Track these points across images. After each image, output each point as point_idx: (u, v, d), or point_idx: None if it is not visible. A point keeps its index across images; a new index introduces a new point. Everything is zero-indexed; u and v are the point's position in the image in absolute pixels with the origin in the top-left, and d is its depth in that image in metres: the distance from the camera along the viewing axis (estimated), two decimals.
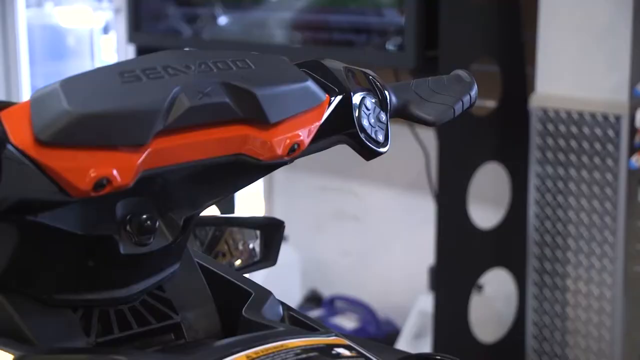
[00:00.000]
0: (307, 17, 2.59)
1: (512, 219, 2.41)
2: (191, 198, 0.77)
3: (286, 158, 0.75)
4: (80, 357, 0.69)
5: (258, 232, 1.18)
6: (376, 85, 0.83)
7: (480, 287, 2.44)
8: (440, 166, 2.29)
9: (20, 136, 0.64)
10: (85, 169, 0.65)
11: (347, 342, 0.74)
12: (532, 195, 2.30)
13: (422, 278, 2.67)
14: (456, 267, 2.37)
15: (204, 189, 0.78)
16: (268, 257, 1.10)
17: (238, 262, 1.16)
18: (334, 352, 0.70)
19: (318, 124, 0.77)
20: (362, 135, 0.80)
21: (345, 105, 0.80)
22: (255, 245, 1.21)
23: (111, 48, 3.68)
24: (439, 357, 0.82)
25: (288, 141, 0.74)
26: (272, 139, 0.73)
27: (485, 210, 2.42)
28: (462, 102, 0.88)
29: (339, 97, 0.80)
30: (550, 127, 2.24)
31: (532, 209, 2.30)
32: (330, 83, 0.79)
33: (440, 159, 2.28)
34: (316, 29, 2.56)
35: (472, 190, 2.32)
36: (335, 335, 0.75)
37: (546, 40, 2.22)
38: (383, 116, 0.83)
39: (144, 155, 0.68)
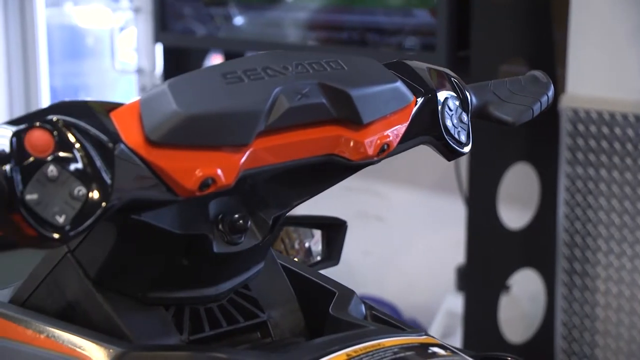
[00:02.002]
0: (329, 17, 2.59)
1: (541, 219, 2.41)
2: (280, 198, 0.78)
3: (375, 158, 0.76)
4: (181, 355, 0.69)
5: (314, 231, 1.19)
6: (457, 85, 0.84)
7: (507, 288, 2.44)
8: (471, 167, 2.30)
9: (131, 136, 0.65)
10: (192, 168, 0.66)
11: (439, 341, 0.74)
12: (562, 196, 2.30)
13: (449, 278, 2.67)
14: (486, 268, 2.38)
15: (293, 188, 0.78)
16: (331, 256, 1.11)
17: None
18: (429, 351, 0.71)
19: (406, 124, 0.78)
20: (446, 136, 0.81)
21: (430, 106, 0.81)
22: (311, 244, 1.22)
23: (129, 47, 3.68)
24: (509, 358, 0.83)
25: (378, 142, 0.75)
26: (364, 140, 0.74)
27: (515, 211, 2.43)
28: (540, 102, 0.89)
29: (424, 98, 0.80)
30: (581, 127, 2.24)
31: (561, 210, 2.31)
32: (415, 83, 0.80)
33: (471, 160, 2.29)
34: (339, 29, 2.56)
35: (501, 191, 2.33)
36: (426, 335, 0.75)
37: (577, 40, 2.22)
38: (465, 117, 0.83)
39: (245, 156, 0.68)
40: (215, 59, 3.25)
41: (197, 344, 0.76)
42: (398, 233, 2.94)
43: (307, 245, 1.21)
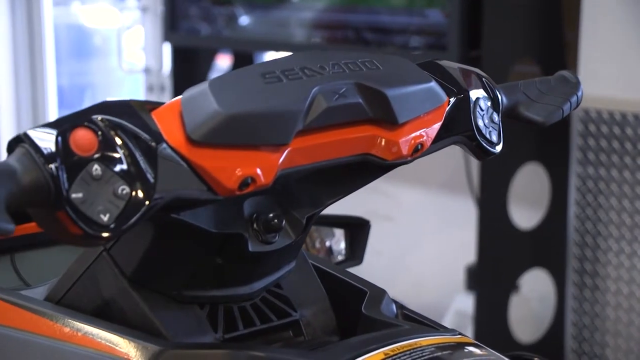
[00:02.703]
0: (339, 17, 2.59)
1: (552, 219, 2.41)
2: (312, 197, 0.79)
3: (409, 158, 0.76)
4: (219, 353, 0.70)
5: (335, 230, 1.20)
6: (488, 85, 0.84)
7: (517, 288, 2.44)
8: (482, 167, 2.30)
9: (173, 136, 0.65)
10: (233, 168, 0.66)
11: (473, 340, 0.74)
12: (573, 196, 2.31)
13: (458, 278, 2.68)
14: (496, 268, 2.38)
15: (326, 188, 0.79)
16: (354, 255, 1.12)
17: None
18: (466, 350, 0.71)
19: (439, 124, 0.78)
20: (478, 136, 0.81)
21: (462, 106, 0.81)
22: (332, 243, 1.22)
23: (136, 47, 3.68)
24: (536, 358, 0.83)
25: (413, 142, 0.75)
26: (399, 140, 0.74)
27: (526, 211, 2.43)
28: (570, 102, 0.89)
29: (456, 98, 0.80)
30: (592, 127, 2.24)
31: (572, 210, 2.31)
32: (448, 83, 0.80)
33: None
34: (348, 29, 2.57)
35: (512, 191, 2.33)
36: (459, 334, 0.76)
37: (588, 40, 2.22)
38: (496, 116, 0.84)
39: (284, 155, 0.69)
40: (222, 59, 3.26)
41: (232, 342, 0.77)
42: (407, 233, 2.94)
43: (328, 244, 1.22)
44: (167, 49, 3.25)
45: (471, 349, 0.72)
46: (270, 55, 3.15)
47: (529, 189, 2.45)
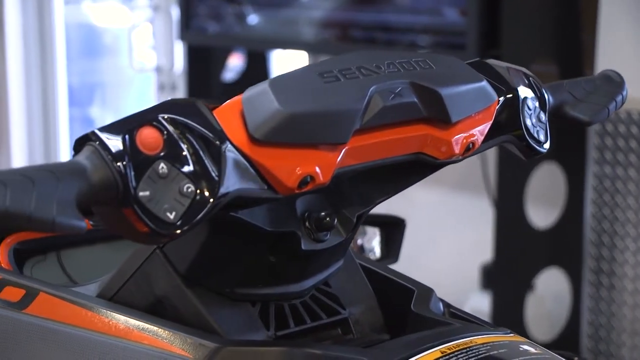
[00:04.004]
0: (350, 15, 2.60)
1: (568, 219, 2.42)
2: (363, 195, 0.79)
3: (460, 157, 0.77)
4: (277, 350, 0.70)
5: (367, 228, 1.20)
6: (535, 85, 0.84)
7: (532, 287, 2.45)
8: (500, 166, 2.30)
9: (236, 134, 0.65)
10: (293, 167, 0.66)
11: (525, 339, 0.75)
12: (589, 195, 2.31)
13: (473, 277, 2.68)
14: (513, 267, 2.39)
15: (376, 186, 0.79)
16: (390, 254, 1.12)
17: None
18: (521, 348, 0.72)
19: (489, 123, 0.78)
20: (527, 136, 0.82)
21: (511, 105, 0.81)
22: (364, 241, 1.22)
23: (146, 45, 3.68)
24: (576, 358, 0.84)
25: (464, 141, 0.76)
26: (451, 139, 0.75)
27: (542, 210, 2.43)
28: (616, 102, 0.90)
29: (505, 97, 0.81)
30: (609, 127, 2.24)
31: (589, 209, 2.31)
32: (497, 82, 0.81)
33: (499, 159, 2.29)
34: (360, 28, 2.57)
35: (529, 190, 2.33)
36: (511, 332, 0.76)
37: (606, 40, 2.22)
38: (543, 116, 0.84)
39: (341, 154, 0.69)
40: (234, 58, 3.26)
41: (284, 340, 0.77)
42: (422, 232, 2.94)
43: (360, 242, 1.22)
44: (178, 47, 3.25)
45: (525, 347, 0.72)
46: (280, 54, 3.16)
47: (545, 188, 2.45)
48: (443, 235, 2.91)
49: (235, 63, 3.27)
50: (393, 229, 1.11)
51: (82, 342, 0.74)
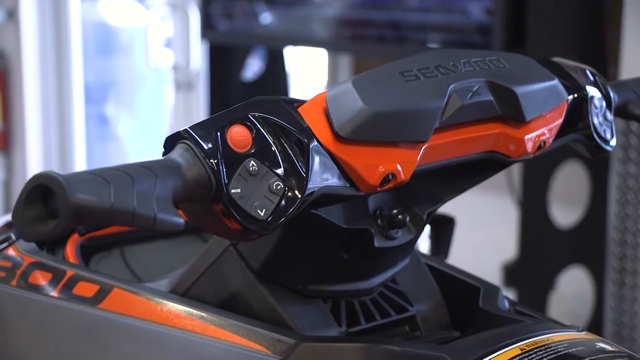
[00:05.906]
0: (369, 13, 2.60)
1: (592, 218, 2.42)
2: (432, 193, 0.79)
3: (532, 155, 0.77)
4: (356, 347, 0.70)
5: None
6: (601, 83, 0.85)
7: (554, 285, 2.45)
8: (524, 166, 2.31)
9: (321, 132, 0.66)
10: (376, 164, 0.67)
11: (600, 337, 0.75)
12: (613, 194, 2.31)
13: (494, 275, 2.68)
14: (537, 265, 2.39)
15: (445, 184, 0.80)
16: (440, 251, 1.12)
17: None
18: (597, 346, 0.72)
19: (560, 122, 0.79)
20: (594, 134, 0.82)
21: (579, 104, 0.82)
22: None
23: (161, 44, 3.68)
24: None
25: (537, 139, 0.76)
26: (524, 137, 0.75)
27: (566, 209, 2.43)
28: None
29: (574, 96, 0.81)
30: (634, 125, 2.24)
31: (612, 208, 2.31)
32: (566, 81, 0.81)
33: None
34: (382, 26, 2.57)
35: (552, 189, 2.34)
36: (583, 330, 0.76)
37: (630, 39, 2.22)
38: (609, 114, 0.84)
39: (421, 152, 0.70)
40: (254, 57, 3.26)
41: (357, 336, 0.78)
42: None
43: None
44: (195, 45, 3.26)
45: (602, 345, 0.72)
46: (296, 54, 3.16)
47: (569, 187, 2.46)
48: (465, 234, 2.91)
49: (254, 63, 3.27)
50: (443, 227, 1.11)
51: (158, 337, 0.74)
